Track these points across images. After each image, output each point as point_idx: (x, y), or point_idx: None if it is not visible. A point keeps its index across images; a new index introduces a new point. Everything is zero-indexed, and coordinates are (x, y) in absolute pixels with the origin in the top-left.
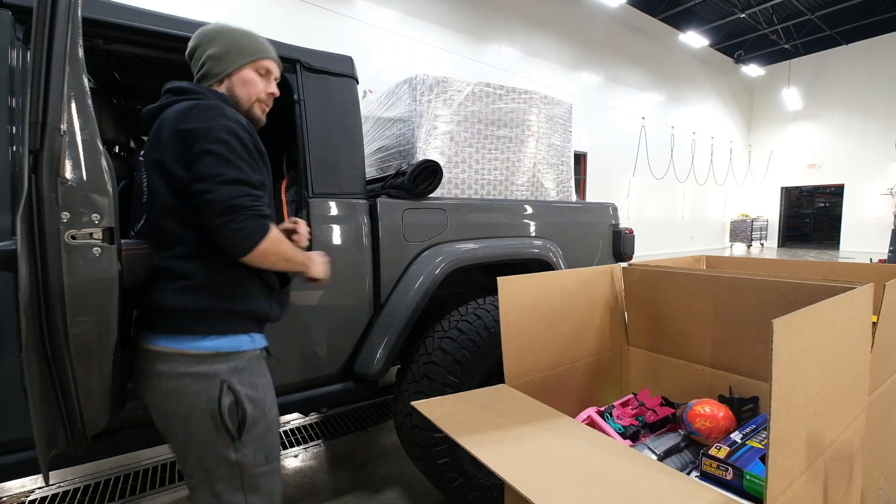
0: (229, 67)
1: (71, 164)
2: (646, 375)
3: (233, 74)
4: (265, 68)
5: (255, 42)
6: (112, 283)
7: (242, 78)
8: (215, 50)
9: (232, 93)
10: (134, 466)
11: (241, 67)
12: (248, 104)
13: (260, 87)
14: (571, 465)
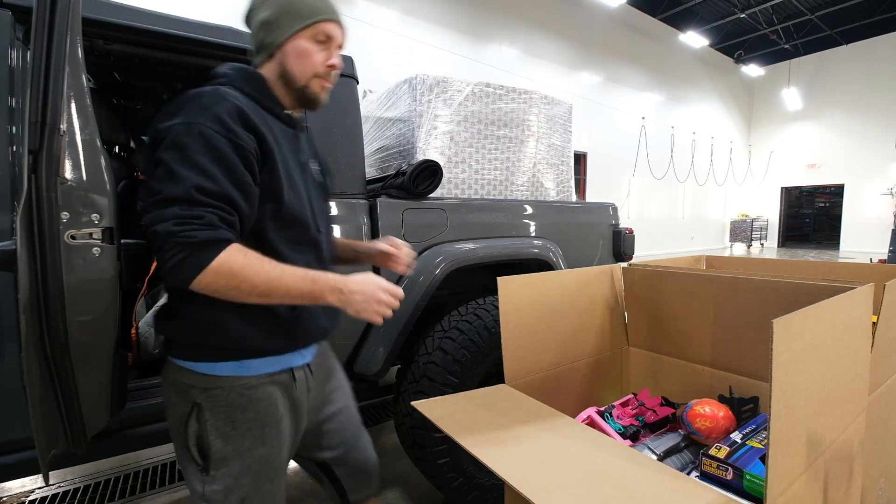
0: (280, 37)
1: (71, 164)
2: (646, 375)
3: (285, 44)
4: (324, 33)
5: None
6: (112, 282)
7: (296, 48)
8: (266, 14)
9: (284, 68)
10: (134, 466)
11: (293, 35)
12: (302, 81)
13: (317, 58)
14: (571, 465)
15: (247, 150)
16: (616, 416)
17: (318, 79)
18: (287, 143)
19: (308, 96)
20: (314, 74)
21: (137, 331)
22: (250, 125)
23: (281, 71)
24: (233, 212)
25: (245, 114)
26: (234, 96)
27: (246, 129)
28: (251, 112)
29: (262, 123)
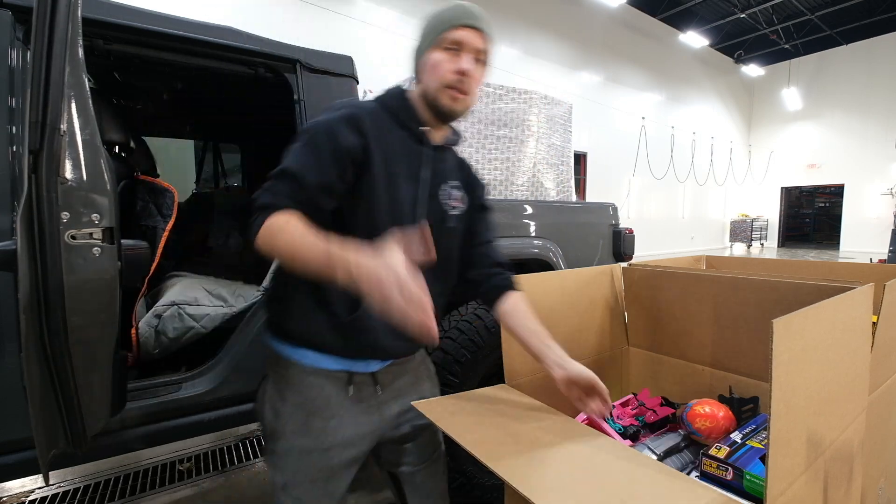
0: (419, 57)
1: (71, 164)
2: (646, 375)
3: (421, 60)
4: (452, 40)
5: (444, 13)
6: (112, 282)
7: (427, 63)
8: (416, 44)
9: (422, 86)
10: (134, 466)
11: (426, 51)
12: (433, 93)
13: (446, 67)
14: (571, 465)
15: (342, 149)
16: (616, 416)
17: (448, 89)
18: (405, 156)
19: (440, 109)
20: (442, 84)
21: (137, 331)
22: (361, 130)
23: (421, 89)
24: (303, 190)
25: (359, 121)
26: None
27: (356, 132)
28: (369, 121)
29: (376, 133)
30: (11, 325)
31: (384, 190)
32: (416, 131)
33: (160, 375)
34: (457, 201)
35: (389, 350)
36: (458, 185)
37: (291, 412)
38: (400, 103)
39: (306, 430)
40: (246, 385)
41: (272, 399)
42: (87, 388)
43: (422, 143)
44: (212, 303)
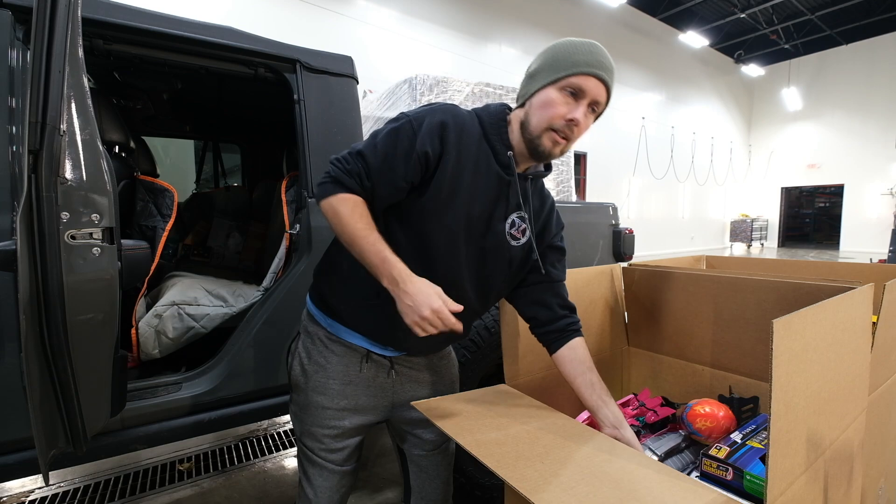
0: (533, 88)
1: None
2: (646, 375)
3: (534, 95)
4: (577, 87)
5: (574, 54)
6: (112, 282)
7: (541, 100)
8: (533, 67)
9: (527, 117)
10: (134, 466)
11: (545, 86)
12: (536, 131)
13: (559, 111)
14: (571, 465)
15: (418, 151)
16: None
17: (552, 132)
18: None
19: (537, 148)
20: (549, 126)
21: (137, 331)
22: (444, 139)
23: (524, 119)
24: (370, 179)
25: (446, 130)
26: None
27: (438, 139)
28: (455, 134)
29: (460, 146)
30: (11, 325)
31: (448, 202)
32: (502, 154)
33: (160, 375)
34: (519, 232)
35: (405, 342)
36: (524, 217)
37: (314, 371)
38: (496, 123)
39: (324, 389)
40: (246, 385)
41: (300, 356)
42: (87, 388)
43: (504, 166)
44: (212, 303)
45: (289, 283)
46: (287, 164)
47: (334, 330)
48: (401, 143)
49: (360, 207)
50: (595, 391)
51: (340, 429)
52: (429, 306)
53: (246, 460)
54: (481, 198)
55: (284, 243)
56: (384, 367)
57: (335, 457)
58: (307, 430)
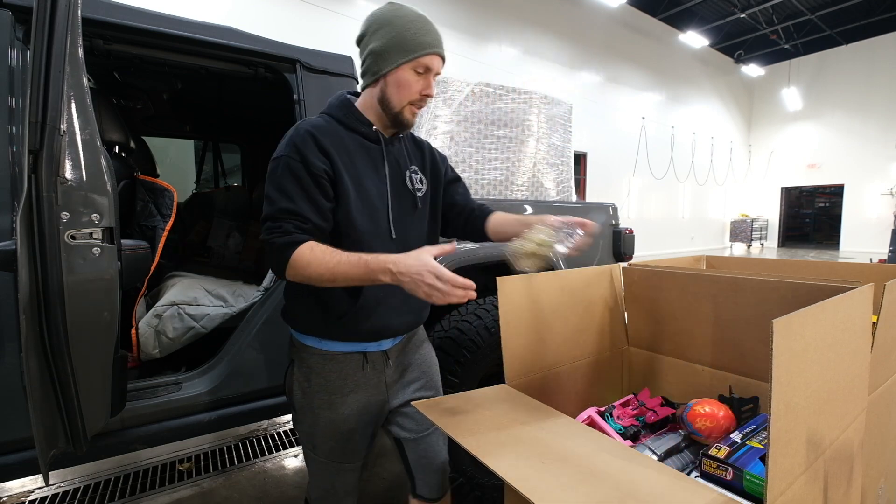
0: (385, 67)
1: (71, 164)
2: (646, 375)
3: (388, 75)
4: (424, 65)
5: (419, 35)
6: (112, 282)
7: (397, 79)
8: (377, 45)
9: (384, 94)
10: (134, 466)
11: (397, 67)
12: (398, 107)
13: (414, 88)
14: (571, 465)
15: (317, 172)
16: (616, 416)
17: (411, 105)
18: (364, 156)
19: (400, 120)
20: (409, 102)
21: (137, 331)
22: (321, 149)
23: (381, 97)
24: (306, 221)
25: (316, 140)
26: (312, 127)
27: (318, 151)
28: (325, 136)
29: (334, 144)
30: (11, 325)
31: (355, 192)
32: (369, 132)
33: (160, 375)
34: (419, 182)
35: (396, 327)
36: (416, 170)
37: (316, 391)
38: (347, 111)
39: (329, 405)
40: (246, 385)
41: (299, 381)
42: (87, 388)
43: (375, 140)
44: (212, 303)
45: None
46: None
47: (327, 347)
48: (300, 176)
49: (316, 248)
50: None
51: (355, 433)
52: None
53: (246, 460)
54: (372, 173)
55: None
56: (381, 361)
57: (356, 457)
58: (321, 446)
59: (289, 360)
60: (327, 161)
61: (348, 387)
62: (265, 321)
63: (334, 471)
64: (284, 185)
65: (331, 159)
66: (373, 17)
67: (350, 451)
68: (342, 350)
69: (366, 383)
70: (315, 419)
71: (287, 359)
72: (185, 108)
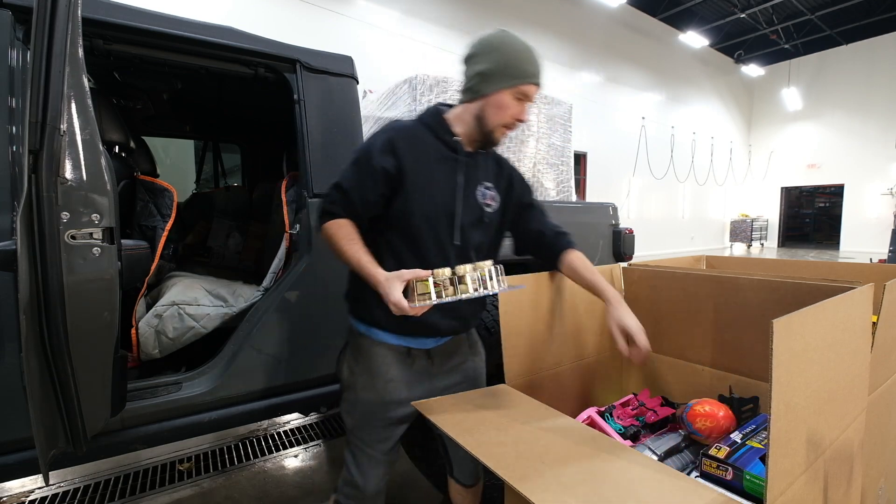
0: (489, 89)
1: (71, 165)
2: (646, 375)
3: (490, 96)
4: (524, 93)
5: (524, 63)
6: (112, 282)
7: (498, 101)
8: (484, 67)
9: (482, 113)
10: (134, 466)
11: (500, 91)
12: (492, 127)
13: (511, 111)
14: (571, 465)
15: (377, 168)
16: (616, 416)
17: (504, 127)
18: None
19: (491, 139)
20: (502, 125)
21: (137, 331)
22: (395, 151)
23: (478, 114)
24: (349, 202)
25: (393, 143)
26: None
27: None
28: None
29: (412, 147)
30: (11, 325)
31: (420, 194)
32: (450, 142)
33: (160, 375)
34: (490, 199)
35: (439, 328)
36: (490, 186)
37: (361, 372)
38: (435, 120)
39: (371, 387)
40: (246, 385)
41: (349, 361)
42: (87, 388)
43: (456, 151)
44: (212, 303)
45: (289, 283)
46: (287, 164)
47: (375, 336)
48: (363, 167)
49: (345, 228)
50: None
51: (386, 420)
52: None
53: (246, 460)
54: (443, 182)
55: (284, 243)
56: (423, 360)
57: (383, 446)
58: (358, 425)
59: (345, 341)
60: (394, 161)
61: (390, 375)
62: (265, 321)
63: (366, 459)
64: (349, 168)
65: (399, 160)
66: (485, 40)
67: (382, 438)
68: (388, 341)
69: (407, 376)
70: (356, 399)
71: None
72: (185, 108)
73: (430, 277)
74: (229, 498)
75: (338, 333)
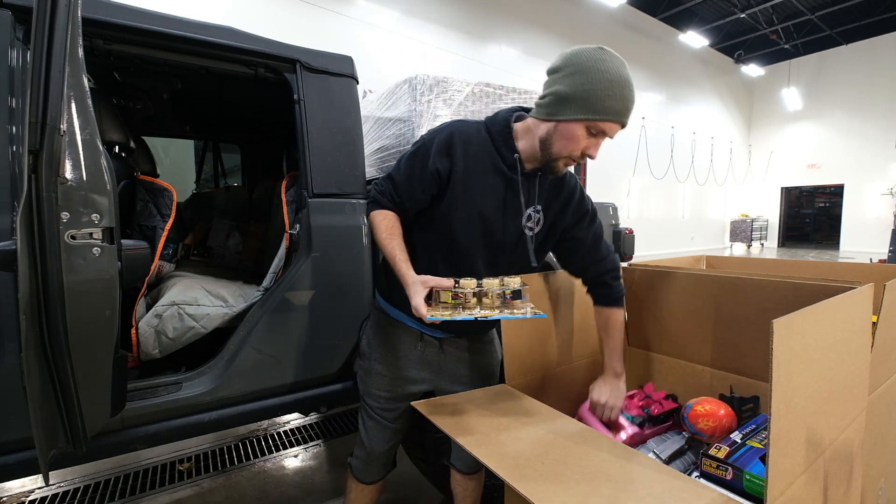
0: (562, 115)
1: (70, 165)
2: (646, 375)
3: (561, 123)
4: (601, 129)
5: (609, 99)
6: (112, 282)
7: (569, 131)
8: (564, 88)
9: (549, 138)
10: (134, 466)
11: (573, 121)
12: (556, 156)
13: (580, 145)
14: (571, 465)
15: (430, 168)
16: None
17: (568, 158)
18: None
19: (552, 167)
20: (568, 156)
21: (137, 331)
22: (451, 154)
23: (544, 138)
24: (398, 196)
25: (452, 146)
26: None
27: (445, 156)
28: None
29: (469, 154)
30: (11, 325)
31: (464, 205)
32: (508, 158)
33: (160, 375)
34: (535, 224)
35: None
36: (539, 209)
37: (377, 345)
38: (502, 131)
39: (383, 360)
40: (246, 385)
41: (368, 334)
42: (87, 388)
43: (511, 167)
44: (212, 303)
45: (289, 283)
46: (287, 164)
47: (394, 314)
48: (417, 164)
49: (388, 219)
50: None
51: (394, 393)
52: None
53: (246, 460)
54: (491, 196)
55: (284, 243)
56: (434, 346)
57: (388, 415)
58: (368, 391)
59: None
60: (448, 165)
61: (401, 352)
62: (265, 321)
63: (373, 423)
64: (405, 162)
65: (453, 164)
66: (576, 56)
67: (388, 408)
68: (403, 321)
69: (417, 358)
70: (370, 368)
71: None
72: (185, 108)
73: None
74: (229, 498)
75: (338, 333)
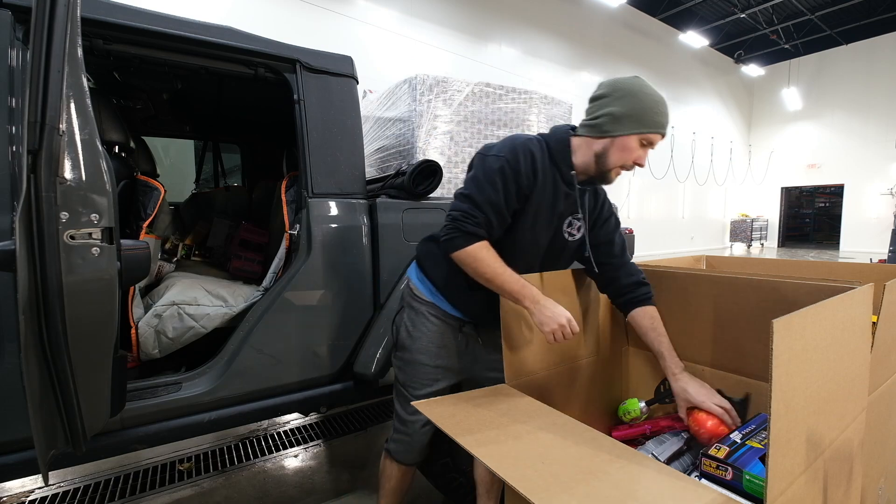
0: (618, 131)
1: (70, 165)
2: (646, 375)
3: (618, 138)
4: (650, 140)
5: (656, 114)
6: (111, 282)
7: (624, 144)
8: (617, 109)
9: (605, 151)
10: (134, 466)
11: (629, 135)
12: (611, 167)
13: (633, 155)
14: (571, 465)
15: (520, 185)
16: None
17: (621, 168)
18: (553, 193)
19: (606, 178)
20: (621, 166)
21: (137, 331)
22: (535, 169)
23: (600, 152)
24: (492, 222)
25: (535, 163)
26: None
27: (531, 174)
28: (539, 160)
29: (541, 171)
30: (11, 325)
31: (526, 219)
32: (566, 174)
33: (160, 375)
34: (575, 230)
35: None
36: (580, 217)
37: (419, 336)
38: (561, 149)
39: (424, 350)
40: (246, 385)
41: (406, 325)
42: (86, 388)
43: (568, 183)
44: (212, 303)
45: (289, 283)
46: (287, 164)
47: (439, 304)
48: (508, 186)
49: (492, 250)
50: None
51: (433, 380)
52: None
53: (246, 460)
54: (548, 208)
55: (284, 243)
56: (472, 337)
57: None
58: (408, 381)
59: (400, 305)
60: (532, 182)
61: (442, 342)
62: (265, 321)
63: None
64: (495, 182)
65: (535, 182)
66: (620, 84)
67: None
68: (447, 311)
69: (455, 347)
70: (411, 358)
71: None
72: (185, 108)
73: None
74: (229, 498)
75: (338, 333)
